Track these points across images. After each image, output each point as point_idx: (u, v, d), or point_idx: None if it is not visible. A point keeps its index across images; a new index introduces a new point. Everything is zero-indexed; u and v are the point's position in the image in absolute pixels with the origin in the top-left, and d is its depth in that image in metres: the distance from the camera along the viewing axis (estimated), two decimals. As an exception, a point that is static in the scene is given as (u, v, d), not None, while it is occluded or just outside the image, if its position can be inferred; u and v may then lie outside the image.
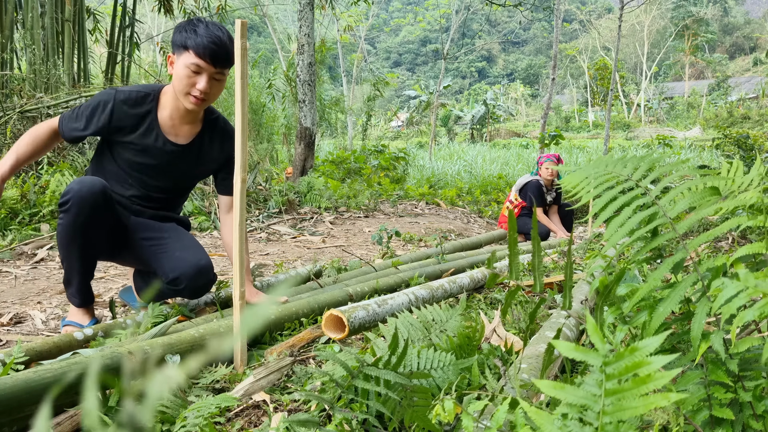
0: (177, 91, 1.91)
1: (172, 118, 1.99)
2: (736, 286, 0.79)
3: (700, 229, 3.97)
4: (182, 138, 2.04)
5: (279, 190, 5.55)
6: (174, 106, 1.97)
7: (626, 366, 0.65)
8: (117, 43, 6.42)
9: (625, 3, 9.59)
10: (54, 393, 1.20)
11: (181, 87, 1.88)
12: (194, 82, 1.87)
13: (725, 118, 27.85)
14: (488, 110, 33.80)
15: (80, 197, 1.79)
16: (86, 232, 1.83)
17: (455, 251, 3.93)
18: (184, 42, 1.85)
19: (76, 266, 1.88)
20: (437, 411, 0.96)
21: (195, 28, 1.85)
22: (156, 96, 1.99)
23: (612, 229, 0.93)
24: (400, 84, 52.41)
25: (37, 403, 1.19)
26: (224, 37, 1.86)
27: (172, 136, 2.02)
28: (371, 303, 1.92)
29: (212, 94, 1.92)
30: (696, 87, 41.85)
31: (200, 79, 1.87)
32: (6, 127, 4.46)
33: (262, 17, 17.23)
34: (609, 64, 35.47)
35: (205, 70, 1.86)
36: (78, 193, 1.79)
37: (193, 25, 1.87)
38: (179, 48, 1.87)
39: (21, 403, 1.15)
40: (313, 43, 6.36)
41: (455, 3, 19.09)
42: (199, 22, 1.87)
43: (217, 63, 1.86)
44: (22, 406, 1.16)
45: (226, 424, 1.29)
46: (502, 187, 8.77)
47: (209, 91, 1.89)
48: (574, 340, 1.73)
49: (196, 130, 2.07)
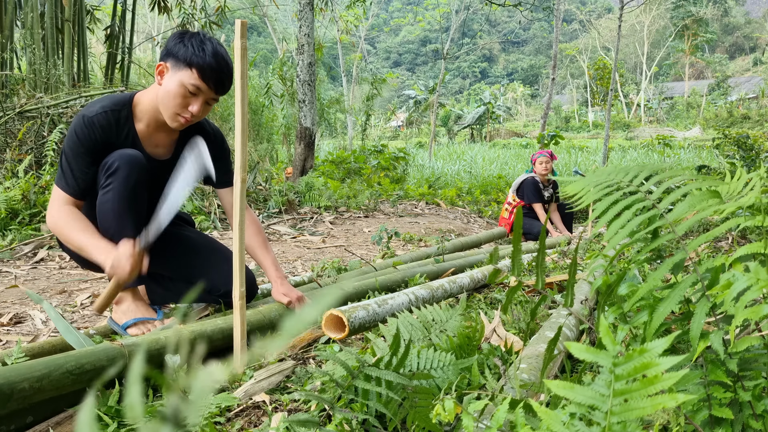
0: (164, 107, 1.75)
1: (149, 127, 1.84)
2: (747, 279, 0.79)
3: (700, 229, 3.97)
4: (161, 149, 1.91)
5: (279, 190, 5.55)
6: (152, 116, 1.81)
7: (635, 367, 0.66)
8: (117, 43, 6.41)
9: (625, 3, 9.59)
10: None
11: (172, 105, 1.73)
12: (188, 103, 1.73)
13: (725, 118, 27.86)
14: (487, 110, 33.82)
15: (128, 158, 1.70)
16: (139, 192, 1.73)
17: (455, 250, 3.93)
18: (189, 58, 1.69)
19: (129, 233, 1.69)
20: (437, 411, 0.96)
21: (203, 45, 1.71)
22: (129, 109, 1.81)
23: (613, 230, 0.93)
24: (400, 84, 52.40)
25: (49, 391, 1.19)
26: (229, 61, 1.75)
27: (151, 148, 1.87)
28: (371, 303, 1.92)
29: (200, 116, 1.79)
30: (696, 87, 41.90)
31: (195, 101, 1.73)
32: (5, 127, 4.46)
33: (262, 17, 17.23)
34: (608, 64, 35.48)
35: (203, 94, 1.73)
36: (123, 156, 1.71)
37: (201, 42, 1.72)
38: (179, 62, 1.71)
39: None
40: (313, 43, 6.37)
41: (455, 3, 19.09)
42: (207, 40, 1.73)
43: (219, 89, 1.75)
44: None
45: (226, 423, 1.29)
46: (501, 187, 8.78)
47: (199, 114, 1.76)
48: (574, 339, 1.73)
49: (174, 137, 1.92)
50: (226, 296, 1.87)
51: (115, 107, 1.78)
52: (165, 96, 1.73)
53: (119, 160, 1.71)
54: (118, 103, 1.80)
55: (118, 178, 1.70)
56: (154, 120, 1.82)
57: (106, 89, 5.47)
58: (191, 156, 1.65)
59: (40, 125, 4.52)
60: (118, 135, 1.79)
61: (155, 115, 1.81)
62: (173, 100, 1.72)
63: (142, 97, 1.82)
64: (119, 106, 1.79)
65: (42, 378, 1.16)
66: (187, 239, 2.07)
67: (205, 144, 1.73)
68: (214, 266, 1.99)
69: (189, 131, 1.95)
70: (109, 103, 1.78)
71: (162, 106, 1.76)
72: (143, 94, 1.83)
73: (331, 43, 16.32)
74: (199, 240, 2.09)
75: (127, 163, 1.71)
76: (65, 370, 1.21)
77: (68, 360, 1.23)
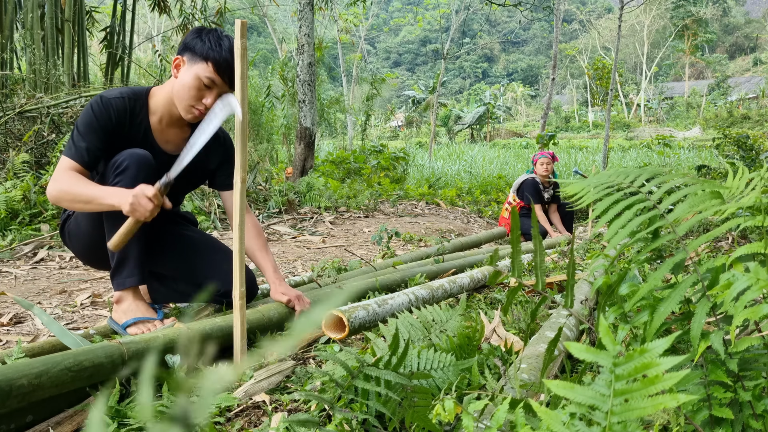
0: (179, 99, 1.79)
1: (161, 121, 1.88)
2: (747, 279, 0.79)
3: (700, 229, 3.97)
4: (172, 145, 1.92)
5: (279, 190, 5.56)
6: (166, 110, 1.85)
7: (635, 367, 0.66)
8: (117, 43, 6.42)
9: (625, 3, 9.59)
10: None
11: (187, 97, 1.77)
12: (203, 96, 1.76)
13: (725, 118, 27.87)
14: (487, 110, 33.84)
15: (137, 158, 1.72)
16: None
17: (455, 250, 3.93)
18: (206, 52, 1.73)
19: (135, 233, 1.70)
20: (437, 410, 0.96)
21: (220, 41, 1.75)
22: (145, 100, 1.86)
23: (613, 230, 0.93)
24: (400, 84, 52.43)
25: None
26: None
27: (163, 143, 1.90)
28: (371, 303, 1.92)
29: None
30: (696, 87, 41.91)
31: (210, 94, 1.76)
32: (5, 127, 4.47)
33: (262, 17, 17.23)
34: (608, 64, 35.49)
35: (218, 88, 1.76)
36: (132, 155, 1.73)
37: (218, 38, 1.76)
38: (196, 56, 1.75)
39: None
40: (313, 43, 6.37)
41: (455, 3, 19.10)
42: (224, 37, 1.77)
43: (233, 84, 1.75)
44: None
45: (226, 424, 1.29)
46: (501, 187, 8.78)
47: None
48: (574, 339, 1.73)
49: (186, 134, 1.94)
50: (227, 296, 1.88)
51: (133, 95, 1.83)
52: (181, 88, 1.77)
53: (128, 159, 1.73)
54: (136, 93, 1.85)
55: (127, 177, 1.72)
56: (168, 114, 1.86)
57: (106, 89, 5.46)
58: (220, 103, 1.68)
59: (40, 125, 4.52)
60: (132, 123, 1.83)
61: (169, 108, 1.85)
62: (189, 92, 1.76)
63: (158, 91, 1.87)
64: (136, 96, 1.84)
65: (40, 374, 1.16)
66: (188, 239, 2.07)
67: (236, 101, 1.71)
68: (215, 266, 1.99)
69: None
70: (128, 92, 1.84)
71: (177, 98, 1.79)
72: (159, 89, 1.88)
73: (331, 43, 16.32)
74: (201, 240, 2.09)
75: (136, 162, 1.73)
76: (63, 367, 1.21)
77: (66, 357, 1.23)
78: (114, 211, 1.68)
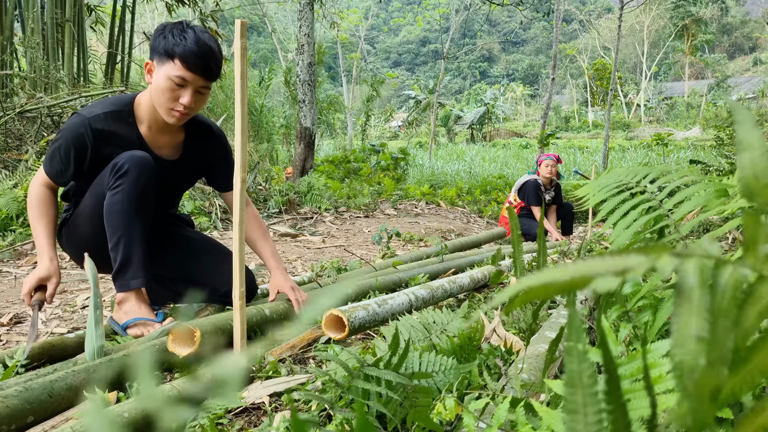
0: (157, 104, 1.73)
1: (151, 129, 1.83)
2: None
3: (701, 229, 3.97)
4: (167, 150, 1.89)
5: (279, 190, 5.55)
6: (152, 117, 1.80)
7: (638, 367, 0.65)
8: (117, 43, 6.41)
9: (624, 3, 9.60)
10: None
11: (163, 101, 1.70)
12: (178, 96, 1.69)
13: (725, 118, 27.84)
14: (487, 110, 33.84)
15: (138, 160, 1.70)
16: (148, 193, 1.74)
17: (455, 250, 3.93)
18: (170, 49, 1.65)
19: (137, 235, 1.71)
20: (438, 409, 0.96)
21: (183, 33, 1.66)
22: (130, 110, 1.80)
23: (618, 230, 0.93)
24: (400, 84, 52.41)
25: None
26: (214, 46, 1.70)
27: (157, 149, 1.86)
28: (371, 303, 1.92)
29: (196, 108, 1.75)
30: (696, 87, 41.93)
31: (185, 92, 1.69)
32: (5, 127, 4.46)
33: (261, 17, 17.23)
34: (607, 64, 35.49)
35: (192, 84, 1.69)
36: (132, 157, 1.70)
37: (181, 30, 1.67)
38: (162, 55, 1.67)
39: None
40: (313, 43, 6.37)
41: (455, 3, 19.10)
42: (188, 28, 1.68)
43: (207, 76, 1.70)
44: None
45: (226, 424, 1.28)
46: (501, 187, 8.78)
47: (193, 105, 1.72)
48: (574, 340, 1.72)
49: (179, 138, 1.90)
50: (227, 297, 1.87)
51: (116, 109, 1.78)
52: (155, 92, 1.71)
53: (129, 162, 1.70)
54: (121, 104, 1.79)
55: (128, 180, 1.69)
56: (154, 121, 1.81)
57: (106, 89, 5.47)
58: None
59: (40, 125, 4.52)
60: (120, 136, 1.78)
61: (154, 115, 1.80)
62: (163, 94, 1.69)
63: (141, 99, 1.81)
64: (121, 107, 1.79)
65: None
66: (187, 240, 2.07)
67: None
68: (214, 267, 1.99)
69: (196, 132, 1.95)
70: (112, 104, 1.78)
71: (156, 104, 1.74)
72: (142, 96, 1.82)
73: (331, 43, 16.33)
74: (200, 240, 2.10)
75: (137, 165, 1.71)
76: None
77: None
78: (113, 216, 1.72)
